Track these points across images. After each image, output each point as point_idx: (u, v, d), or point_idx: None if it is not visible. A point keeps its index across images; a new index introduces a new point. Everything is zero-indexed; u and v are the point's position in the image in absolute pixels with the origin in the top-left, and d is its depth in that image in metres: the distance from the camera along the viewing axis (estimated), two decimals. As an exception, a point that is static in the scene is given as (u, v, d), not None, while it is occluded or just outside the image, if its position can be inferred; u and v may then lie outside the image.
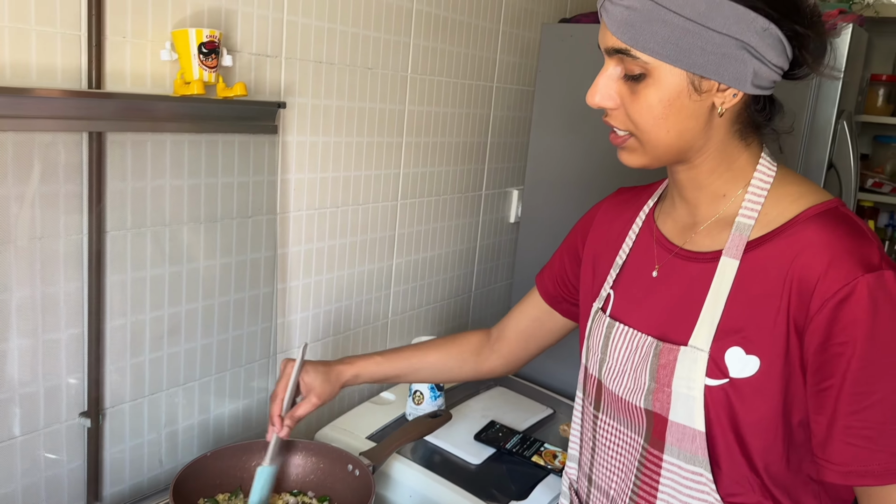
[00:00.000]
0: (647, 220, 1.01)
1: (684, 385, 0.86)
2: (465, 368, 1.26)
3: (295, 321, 1.56)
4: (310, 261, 1.55)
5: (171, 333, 1.30)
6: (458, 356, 1.26)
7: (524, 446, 1.49)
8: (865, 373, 0.77)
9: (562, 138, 1.90)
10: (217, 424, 1.44)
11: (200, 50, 1.15)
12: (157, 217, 1.23)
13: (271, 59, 1.36)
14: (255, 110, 1.33)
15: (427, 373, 1.28)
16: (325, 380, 1.18)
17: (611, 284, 1.00)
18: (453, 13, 1.77)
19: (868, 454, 0.78)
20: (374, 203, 1.68)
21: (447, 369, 1.27)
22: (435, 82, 1.77)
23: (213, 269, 1.35)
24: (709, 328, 0.85)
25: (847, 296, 0.77)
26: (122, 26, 1.12)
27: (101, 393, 1.22)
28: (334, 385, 1.19)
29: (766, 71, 0.81)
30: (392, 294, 1.81)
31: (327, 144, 1.52)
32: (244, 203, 1.37)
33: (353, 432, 1.51)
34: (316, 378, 1.18)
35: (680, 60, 0.79)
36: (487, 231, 2.12)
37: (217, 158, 1.30)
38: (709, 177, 0.89)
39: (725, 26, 0.77)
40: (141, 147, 1.18)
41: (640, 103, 0.83)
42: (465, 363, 1.26)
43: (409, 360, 1.25)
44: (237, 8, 1.28)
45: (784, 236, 0.84)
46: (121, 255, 1.19)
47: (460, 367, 1.26)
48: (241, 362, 1.45)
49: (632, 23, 0.80)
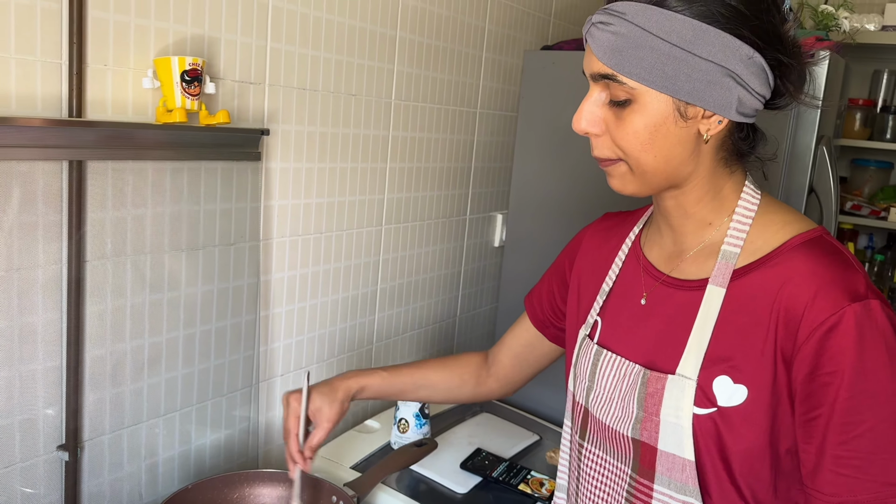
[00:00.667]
0: (634, 246, 1.01)
1: (672, 414, 0.85)
2: (464, 389, 1.25)
3: (278, 349, 1.54)
4: (293, 287, 1.54)
5: (152, 363, 1.28)
6: (459, 376, 1.25)
7: (511, 474, 1.48)
8: (853, 402, 0.77)
9: (545, 163, 1.91)
10: (198, 456, 1.41)
11: (183, 78, 1.15)
12: (138, 245, 1.22)
13: (254, 86, 1.36)
14: (238, 137, 1.32)
15: (429, 391, 1.26)
16: (331, 400, 1.16)
17: (598, 311, 1.00)
18: (437, 40, 1.78)
19: (857, 483, 0.77)
20: (358, 228, 1.67)
21: (448, 388, 1.25)
22: (419, 108, 1.77)
23: (195, 297, 1.33)
24: (696, 357, 0.85)
25: (834, 325, 0.77)
26: (104, 54, 1.11)
27: (80, 425, 1.19)
28: (343, 402, 1.17)
29: (749, 99, 0.81)
30: (377, 319, 1.80)
31: (311, 170, 1.51)
32: (227, 230, 1.36)
33: (337, 462, 1.49)
34: (322, 402, 1.15)
35: (666, 86, 0.80)
36: (472, 255, 2.11)
37: (199, 186, 1.29)
38: (696, 205, 0.90)
39: (711, 53, 0.78)
40: (122, 175, 1.17)
41: (625, 129, 0.83)
42: (465, 384, 1.25)
43: (413, 376, 1.24)
44: (220, 36, 1.28)
45: (770, 265, 0.84)
46: (101, 284, 1.18)
47: (460, 387, 1.25)
48: (224, 391, 1.43)
49: (618, 48, 0.80)
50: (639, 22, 0.79)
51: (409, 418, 1.56)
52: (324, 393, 1.16)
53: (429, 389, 1.25)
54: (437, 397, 1.28)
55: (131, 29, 1.14)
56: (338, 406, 1.16)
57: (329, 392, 1.17)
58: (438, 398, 1.29)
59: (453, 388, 1.25)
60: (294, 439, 1.13)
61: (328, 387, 1.18)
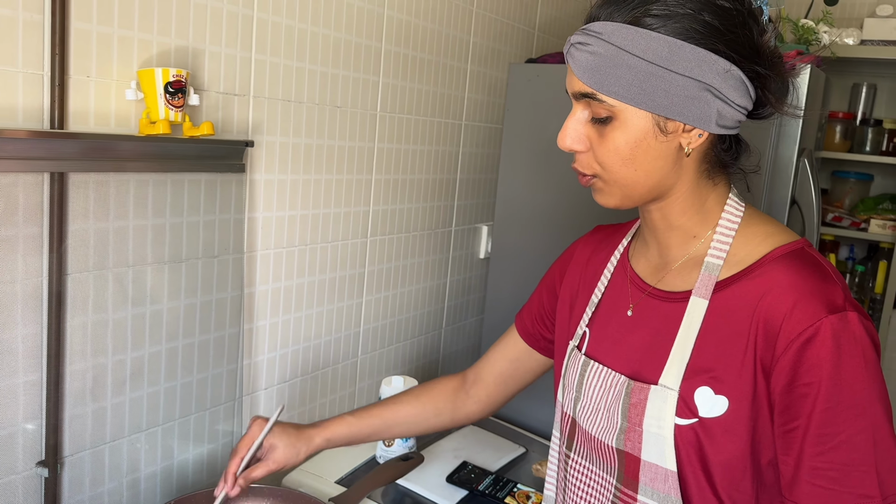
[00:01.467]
0: (622, 258, 1.02)
1: (655, 424, 0.86)
2: (441, 418, 1.22)
3: (262, 362, 1.53)
4: (277, 300, 1.53)
5: (134, 377, 1.27)
6: (433, 406, 1.22)
7: (497, 487, 1.47)
8: (830, 414, 0.77)
9: (530, 175, 1.92)
10: (181, 471, 1.39)
11: (167, 89, 1.14)
12: (120, 258, 1.21)
13: (239, 97, 1.35)
14: (223, 149, 1.31)
15: (402, 428, 1.22)
16: (289, 444, 1.13)
17: (586, 322, 1.00)
18: (421, 52, 1.78)
19: (835, 496, 0.78)
20: (343, 240, 1.67)
21: (422, 420, 1.22)
22: (404, 120, 1.77)
23: (178, 311, 1.32)
24: (678, 367, 0.85)
25: (812, 336, 0.78)
26: (87, 66, 1.10)
27: (60, 440, 1.17)
28: (299, 451, 1.14)
29: (730, 111, 0.82)
30: (362, 332, 1.79)
31: (296, 182, 1.51)
32: (210, 242, 1.35)
33: (322, 476, 1.47)
34: (280, 440, 1.12)
35: (644, 103, 0.81)
36: (457, 267, 2.11)
37: (182, 198, 1.28)
38: (680, 217, 0.90)
39: (688, 69, 0.79)
40: (104, 187, 1.16)
41: (607, 145, 0.84)
42: (440, 413, 1.22)
43: (382, 416, 1.20)
44: (204, 47, 1.27)
45: (751, 276, 0.85)
46: (82, 298, 1.16)
47: (437, 416, 1.22)
48: (206, 405, 1.41)
49: (596, 67, 0.82)
50: (615, 41, 0.80)
51: (394, 432, 1.54)
52: (288, 434, 1.13)
53: (403, 426, 1.21)
54: (413, 431, 1.24)
55: (114, 40, 1.13)
56: (292, 452, 1.13)
57: (292, 435, 1.14)
58: (416, 432, 1.25)
59: (429, 418, 1.22)
60: (237, 461, 1.10)
61: (295, 430, 1.15)
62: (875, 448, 0.77)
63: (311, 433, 1.16)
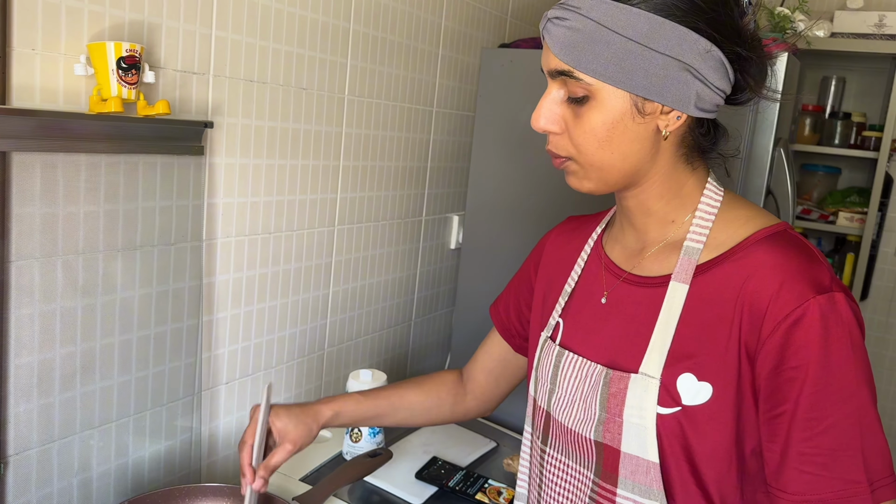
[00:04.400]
0: (596, 246, 0.98)
1: (636, 414, 0.82)
2: (442, 409, 1.20)
3: (223, 355, 1.46)
4: (239, 290, 1.47)
5: (85, 371, 1.20)
6: (437, 396, 1.19)
7: (468, 483, 1.43)
8: (818, 397, 0.75)
9: (502, 163, 1.87)
10: (136, 469, 1.33)
11: (119, 65, 1.07)
12: (70, 245, 1.13)
13: (198, 76, 1.28)
14: (180, 130, 1.25)
15: (405, 413, 1.19)
16: (300, 422, 1.09)
17: (559, 312, 0.97)
18: (391, 35, 1.72)
19: (822, 482, 0.75)
20: (308, 229, 1.60)
21: (425, 409, 1.19)
22: (373, 105, 1.71)
23: (132, 301, 1.25)
24: (659, 354, 0.82)
25: (799, 318, 0.75)
26: (32, 38, 1.03)
27: (5, 439, 1.10)
28: (311, 427, 1.10)
29: (708, 94, 0.80)
30: (328, 324, 1.73)
31: (258, 167, 1.44)
32: (167, 229, 1.28)
33: (286, 474, 1.42)
34: (289, 422, 1.08)
35: (623, 82, 0.78)
36: (428, 258, 2.06)
37: (137, 181, 1.21)
38: (657, 202, 0.87)
39: (668, 47, 0.76)
40: (52, 169, 1.09)
41: (583, 126, 0.81)
42: (442, 404, 1.19)
43: (389, 398, 1.18)
44: (161, 22, 1.20)
45: (734, 259, 0.82)
46: (28, 287, 1.09)
47: (438, 407, 1.19)
48: (164, 401, 1.35)
49: (575, 44, 0.78)
50: (594, 16, 0.77)
51: (362, 427, 1.49)
52: (294, 414, 1.10)
53: (407, 411, 1.19)
54: (415, 420, 1.22)
55: (62, 11, 1.06)
56: (305, 429, 1.09)
57: (300, 413, 1.10)
58: (417, 420, 1.23)
59: (431, 408, 1.20)
60: (248, 451, 1.05)
61: (299, 409, 1.11)
62: (861, 432, 0.75)
63: (319, 407, 1.12)
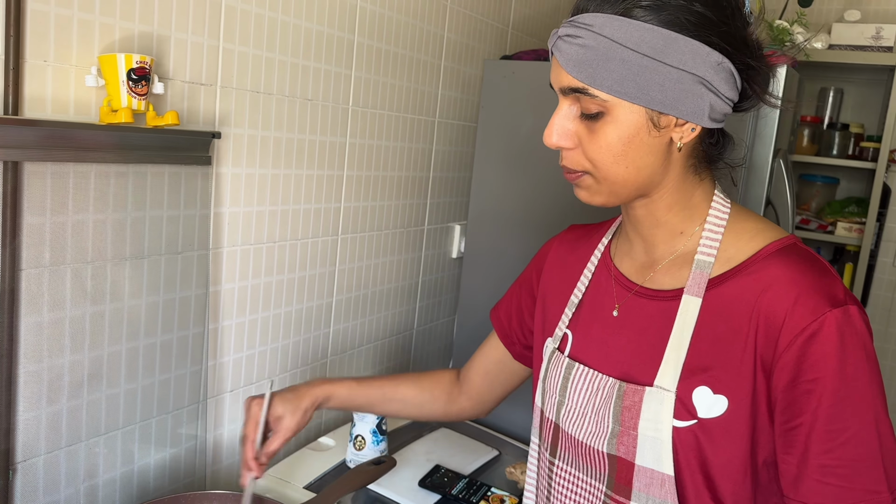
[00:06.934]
0: (604, 257, 0.99)
1: (651, 427, 0.83)
2: (436, 406, 1.21)
3: (228, 363, 1.47)
4: (244, 299, 1.48)
5: (93, 378, 1.21)
6: (430, 393, 1.20)
7: (471, 491, 1.43)
8: (836, 409, 0.76)
9: (504, 173, 1.89)
10: (142, 477, 1.33)
11: (130, 76, 1.08)
12: (79, 253, 1.15)
13: (206, 87, 1.30)
14: (188, 140, 1.26)
15: (398, 405, 1.20)
16: (294, 408, 1.11)
17: (567, 324, 0.97)
18: (395, 47, 1.74)
19: (843, 492, 0.76)
20: (312, 238, 1.62)
21: (418, 404, 1.20)
22: (377, 115, 1.73)
23: (139, 309, 1.26)
24: (674, 368, 0.83)
25: (816, 332, 0.76)
26: (44, 49, 1.05)
27: (12, 445, 1.11)
28: (306, 411, 1.12)
29: (720, 104, 0.81)
30: (331, 332, 1.74)
31: (264, 177, 1.46)
32: (174, 238, 1.29)
33: (290, 482, 1.43)
34: (284, 408, 1.10)
35: (639, 97, 0.78)
36: (430, 266, 2.07)
37: (145, 191, 1.22)
38: (666, 213, 0.88)
39: (682, 62, 0.77)
40: (62, 178, 1.10)
41: (598, 142, 0.81)
42: (436, 400, 1.20)
43: (383, 388, 1.19)
44: (170, 34, 1.22)
45: (747, 273, 0.83)
46: (37, 295, 1.10)
47: (432, 403, 1.20)
48: (169, 408, 1.35)
49: (588, 61, 0.79)
50: (607, 33, 0.77)
51: (366, 435, 1.50)
52: (287, 400, 1.12)
53: (399, 403, 1.20)
54: (406, 412, 1.23)
55: (74, 23, 1.08)
56: (300, 414, 1.11)
57: (293, 399, 1.12)
58: (408, 413, 1.24)
59: (424, 403, 1.20)
60: (250, 445, 1.08)
61: (293, 394, 1.13)
62: (880, 441, 0.76)
63: (313, 390, 1.14)
